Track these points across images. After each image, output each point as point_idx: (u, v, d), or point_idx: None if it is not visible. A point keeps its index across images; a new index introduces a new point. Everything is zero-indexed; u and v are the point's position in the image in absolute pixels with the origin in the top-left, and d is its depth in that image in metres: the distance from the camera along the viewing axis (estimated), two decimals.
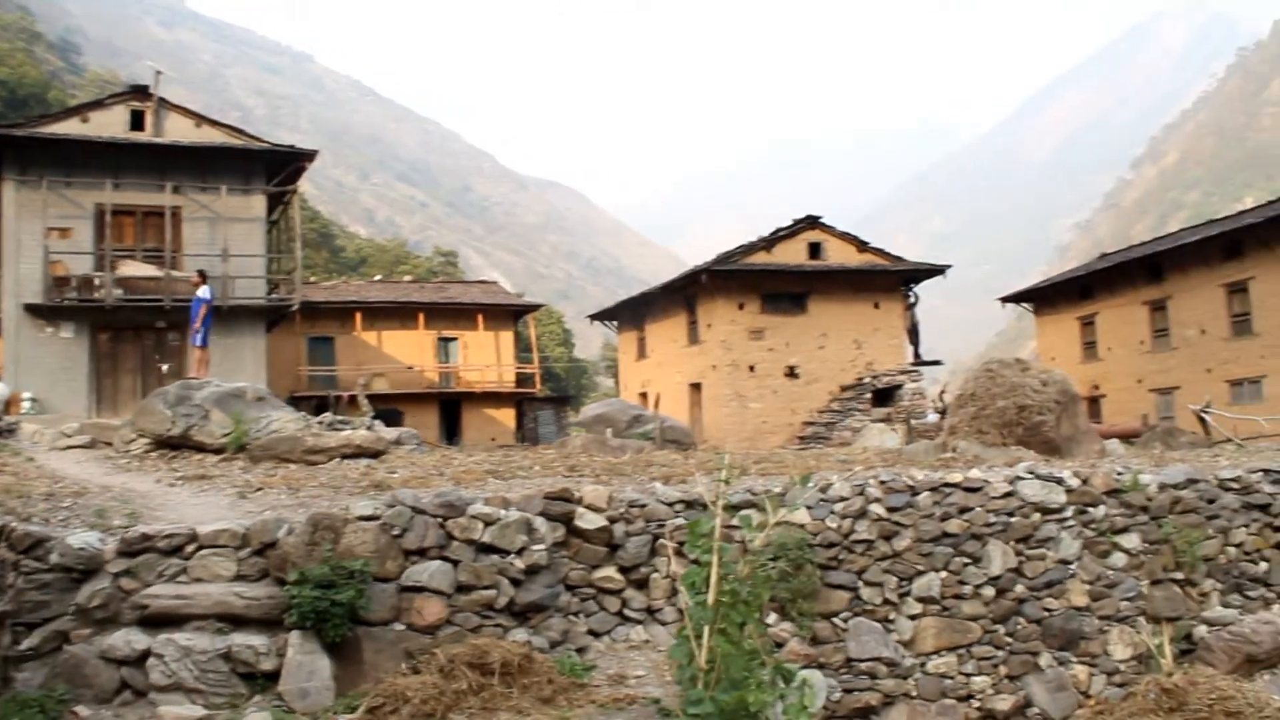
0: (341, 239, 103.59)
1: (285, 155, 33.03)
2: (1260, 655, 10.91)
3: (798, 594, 10.22)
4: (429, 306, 44.38)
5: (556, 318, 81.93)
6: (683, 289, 36.92)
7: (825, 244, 35.96)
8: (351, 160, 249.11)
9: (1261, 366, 33.39)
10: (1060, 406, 16.36)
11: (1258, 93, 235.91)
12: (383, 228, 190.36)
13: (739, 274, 34.71)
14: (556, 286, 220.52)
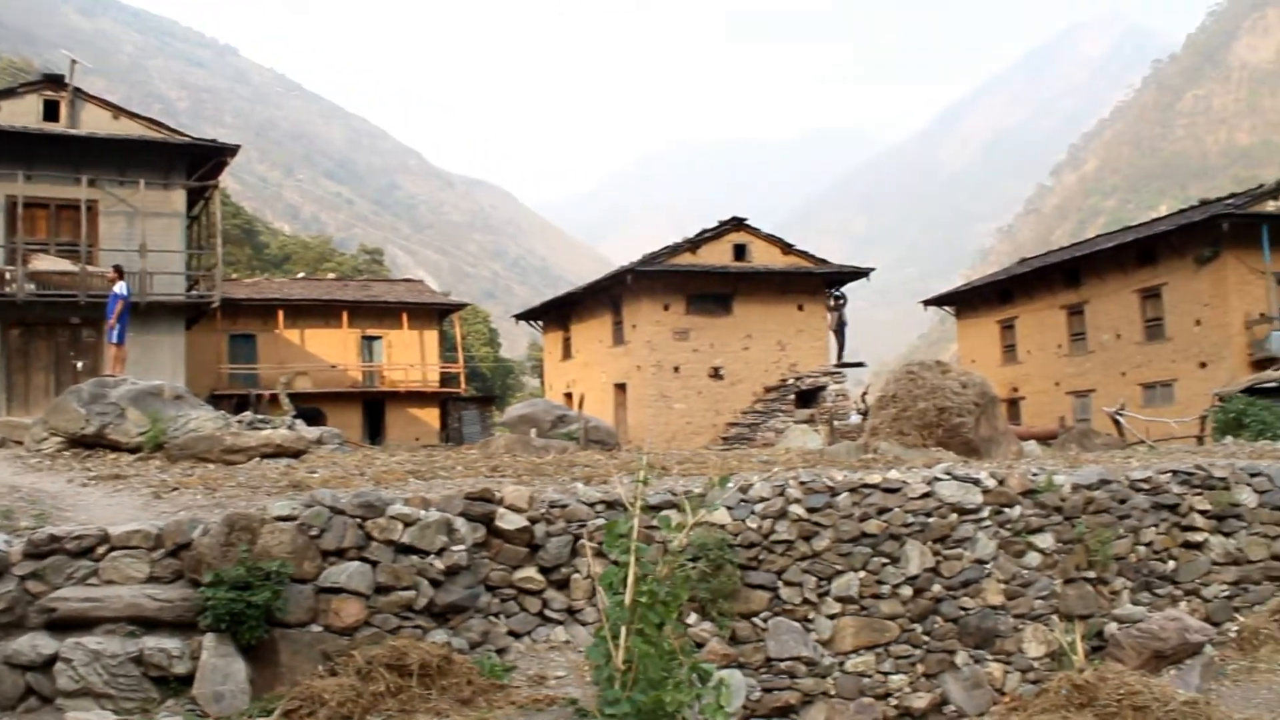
0: (265, 235, 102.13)
1: (207, 149, 32.55)
2: (1167, 651, 11.16)
3: (718, 594, 10.26)
4: (353, 305, 43.99)
5: (483, 317, 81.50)
6: (608, 289, 36.97)
7: (750, 246, 36.19)
8: (276, 156, 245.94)
9: (1173, 370, 34.20)
10: (979, 408, 16.60)
11: (1172, 104, 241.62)
12: (307, 224, 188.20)
13: (664, 275, 34.81)
14: (483, 286, 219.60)
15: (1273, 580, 12.68)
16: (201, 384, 35.11)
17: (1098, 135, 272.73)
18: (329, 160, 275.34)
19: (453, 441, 39.11)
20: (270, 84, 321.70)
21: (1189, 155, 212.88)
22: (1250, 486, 13.00)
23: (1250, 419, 22.75)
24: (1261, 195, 34.71)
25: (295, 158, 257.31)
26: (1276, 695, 10.49)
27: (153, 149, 31.74)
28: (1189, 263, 34.05)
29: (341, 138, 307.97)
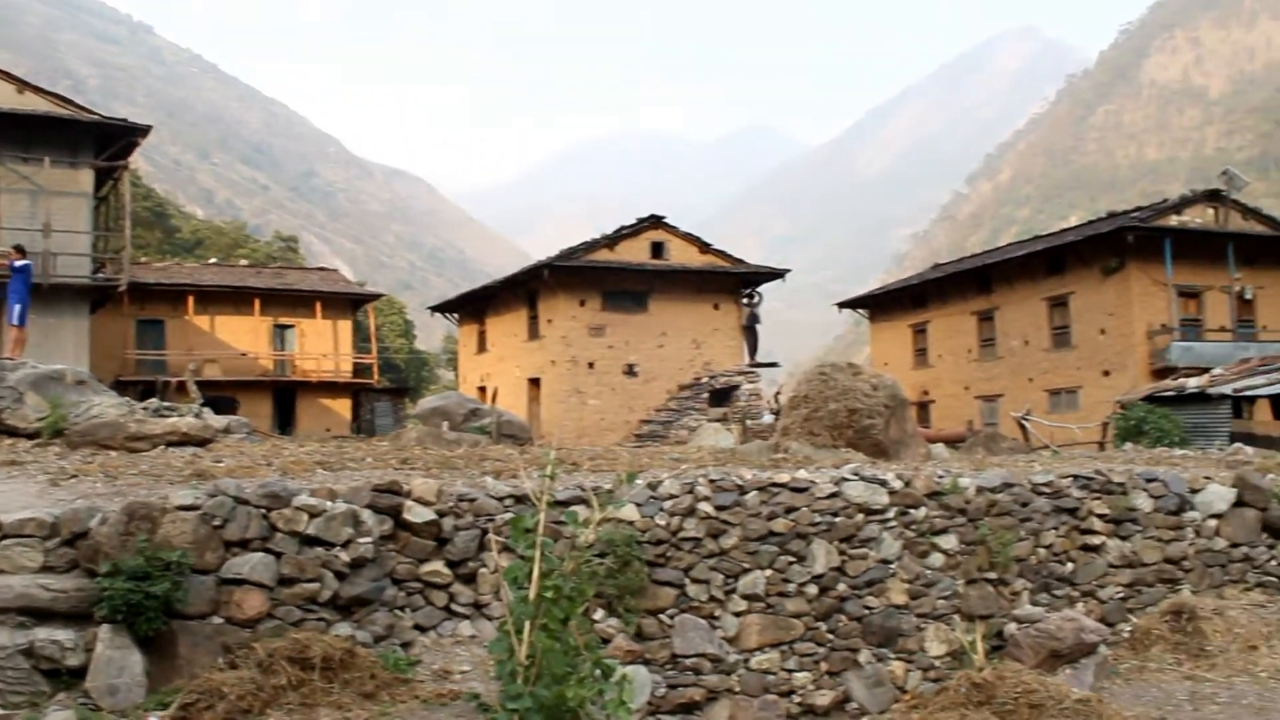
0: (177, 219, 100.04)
1: (117, 128, 31.82)
2: (1063, 651, 11.39)
3: (625, 590, 10.29)
4: (265, 292, 43.36)
5: (398, 308, 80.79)
6: (525, 283, 36.85)
7: (668, 244, 36.30)
8: (190, 138, 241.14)
9: (1078, 378, 34.95)
10: (889, 411, 16.82)
11: (1084, 118, 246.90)
12: (221, 209, 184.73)
13: (581, 271, 34.80)
14: (399, 277, 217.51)
15: (1165, 582, 13.01)
16: (106, 369, 34.36)
17: (1013, 146, 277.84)
18: (245, 145, 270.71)
19: (364, 433, 38.74)
20: (186, 64, 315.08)
21: (1100, 168, 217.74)
22: (1146, 492, 13.32)
23: (1149, 426, 23.36)
24: (1165, 210, 35.62)
25: (210, 141, 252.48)
26: (1165, 694, 10.75)
27: (59, 126, 30.92)
28: (1096, 273, 34.79)
29: (259, 122, 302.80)
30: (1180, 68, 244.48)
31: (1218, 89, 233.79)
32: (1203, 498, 13.57)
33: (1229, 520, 13.53)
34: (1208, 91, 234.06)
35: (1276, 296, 36.19)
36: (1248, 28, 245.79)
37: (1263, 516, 13.66)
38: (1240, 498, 13.68)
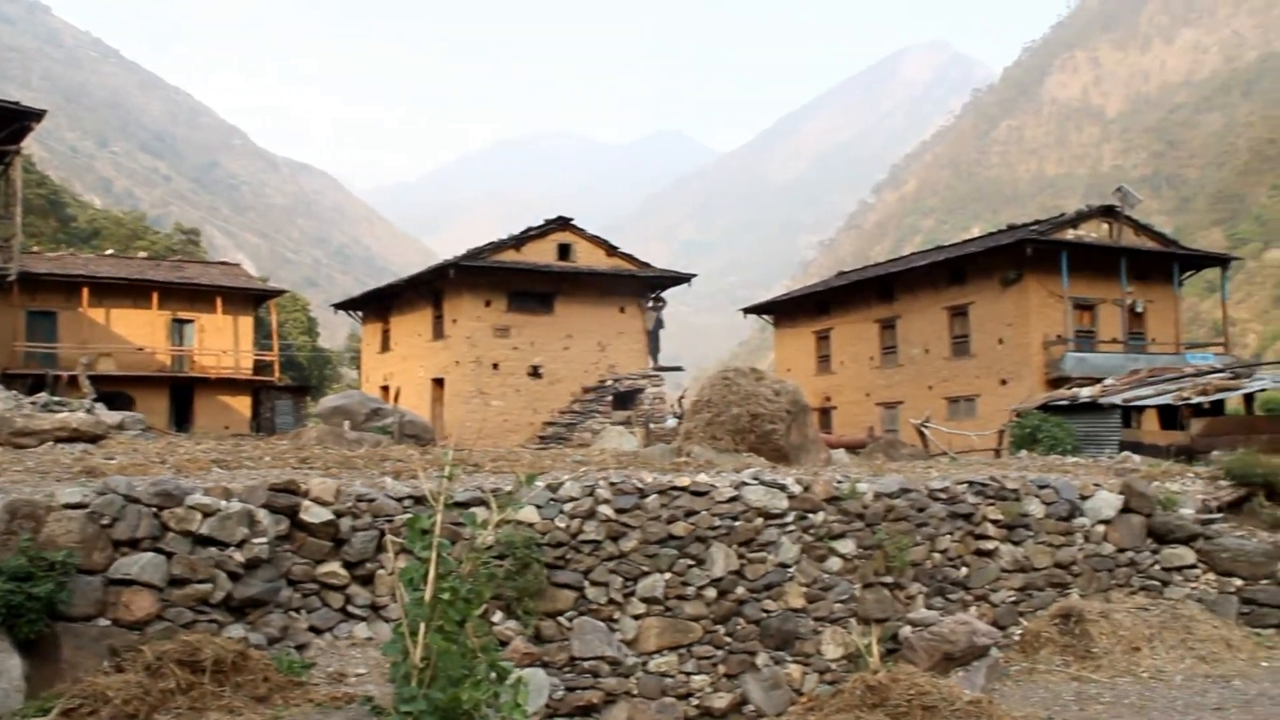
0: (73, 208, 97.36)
1: (9, 111, 30.90)
2: (956, 653, 11.61)
3: (524, 592, 10.26)
4: (164, 286, 42.39)
5: (302, 305, 79.55)
6: (430, 282, 36.53)
7: (575, 246, 36.25)
8: (89, 125, 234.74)
9: (976, 386, 35.58)
10: (791, 416, 16.99)
11: (988, 132, 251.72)
12: (120, 199, 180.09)
13: (487, 271, 34.59)
14: (304, 273, 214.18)
15: (1055, 586, 13.34)
16: None
17: (919, 157, 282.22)
18: (146, 133, 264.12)
19: (264, 431, 38.07)
20: (85, 48, 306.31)
21: (1002, 181, 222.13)
22: (1038, 498, 13.65)
23: (1043, 434, 23.87)
24: (1062, 224, 36.45)
25: (110, 128, 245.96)
26: (1053, 694, 11.02)
27: None
28: (995, 284, 35.45)
29: (160, 110, 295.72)
30: (1080, 87, 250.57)
31: (1115, 108, 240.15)
32: (1092, 504, 13.95)
33: (1116, 526, 13.92)
34: (1105, 111, 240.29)
35: (1165, 310, 37.27)
36: (1143, 51, 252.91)
37: (1148, 522, 14.08)
38: (1127, 504, 14.10)
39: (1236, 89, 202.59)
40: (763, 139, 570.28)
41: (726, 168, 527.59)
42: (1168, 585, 13.82)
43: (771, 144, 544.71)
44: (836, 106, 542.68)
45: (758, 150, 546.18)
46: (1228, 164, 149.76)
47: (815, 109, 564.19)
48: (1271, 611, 13.42)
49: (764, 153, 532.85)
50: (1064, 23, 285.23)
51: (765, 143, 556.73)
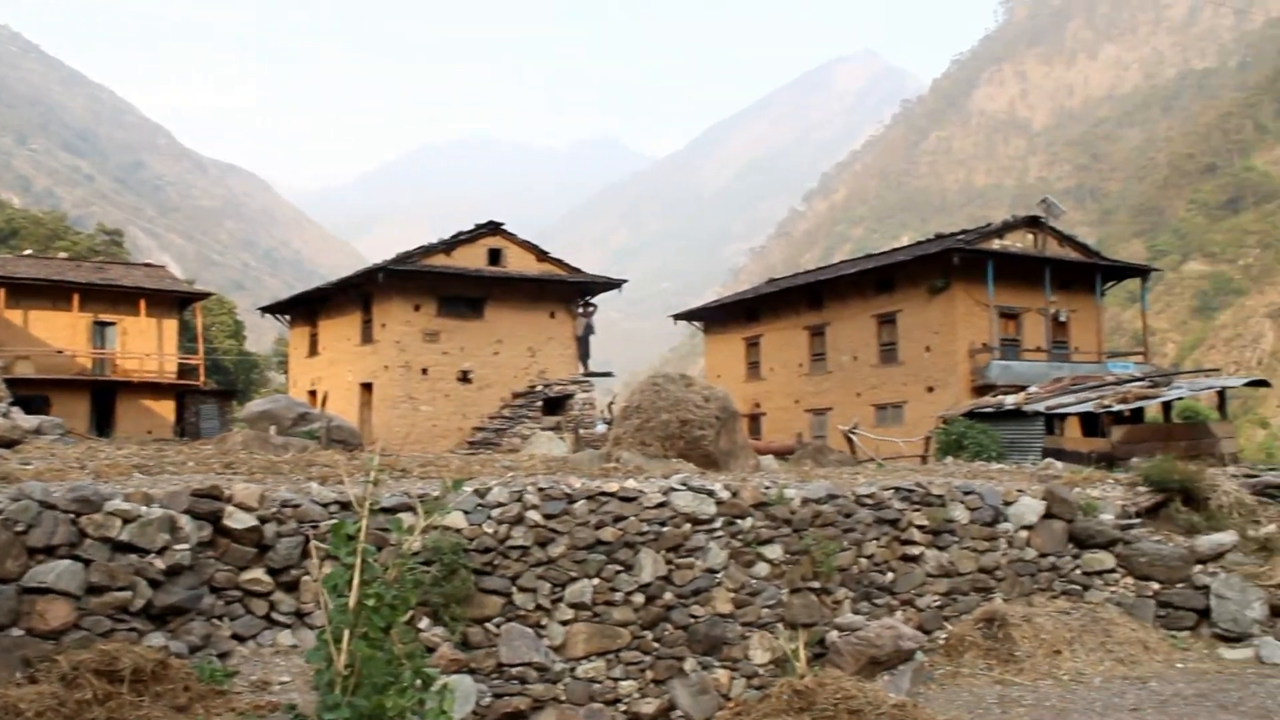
0: None
1: None
2: (882, 658, 11.72)
3: (451, 599, 10.20)
4: (85, 287, 41.58)
5: (228, 308, 78.32)
6: (359, 286, 36.17)
7: (506, 251, 36.11)
8: (7, 121, 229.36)
9: (903, 393, 35.97)
10: (720, 422, 17.05)
11: (918, 143, 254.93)
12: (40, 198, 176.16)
13: (417, 275, 34.33)
14: (231, 276, 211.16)
15: (979, 591, 13.50)
16: None
17: (849, 166, 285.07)
18: (68, 131, 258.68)
19: (189, 436, 37.50)
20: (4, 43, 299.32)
21: (930, 192, 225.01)
22: (963, 504, 13.81)
23: (969, 441, 24.20)
24: (989, 234, 36.99)
25: (30, 125, 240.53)
26: (976, 698, 11.15)
27: None
28: (923, 292, 35.87)
29: (83, 108, 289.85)
30: (1007, 99, 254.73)
31: (1040, 121, 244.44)
32: (1015, 510, 14.15)
33: (1039, 531, 14.12)
34: (1031, 123, 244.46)
35: (1088, 319, 37.98)
36: (1068, 65, 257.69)
37: (1069, 528, 14.30)
38: (1049, 510, 14.31)
39: (1156, 105, 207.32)
40: (695, 146, 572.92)
41: (659, 174, 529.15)
42: (1088, 589, 14.05)
43: (704, 151, 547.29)
44: (769, 114, 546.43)
45: (690, 157, 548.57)
46: (1148, 178, 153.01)
47: (747, 117, 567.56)
48: (1186, 614, 13.69)
49: (696, 160, 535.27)
50: (992, 36, 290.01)
51: (698, 149, 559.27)
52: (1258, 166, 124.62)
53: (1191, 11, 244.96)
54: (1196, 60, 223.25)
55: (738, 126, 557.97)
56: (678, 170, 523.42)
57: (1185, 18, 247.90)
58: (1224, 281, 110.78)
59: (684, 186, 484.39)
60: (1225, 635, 13.32)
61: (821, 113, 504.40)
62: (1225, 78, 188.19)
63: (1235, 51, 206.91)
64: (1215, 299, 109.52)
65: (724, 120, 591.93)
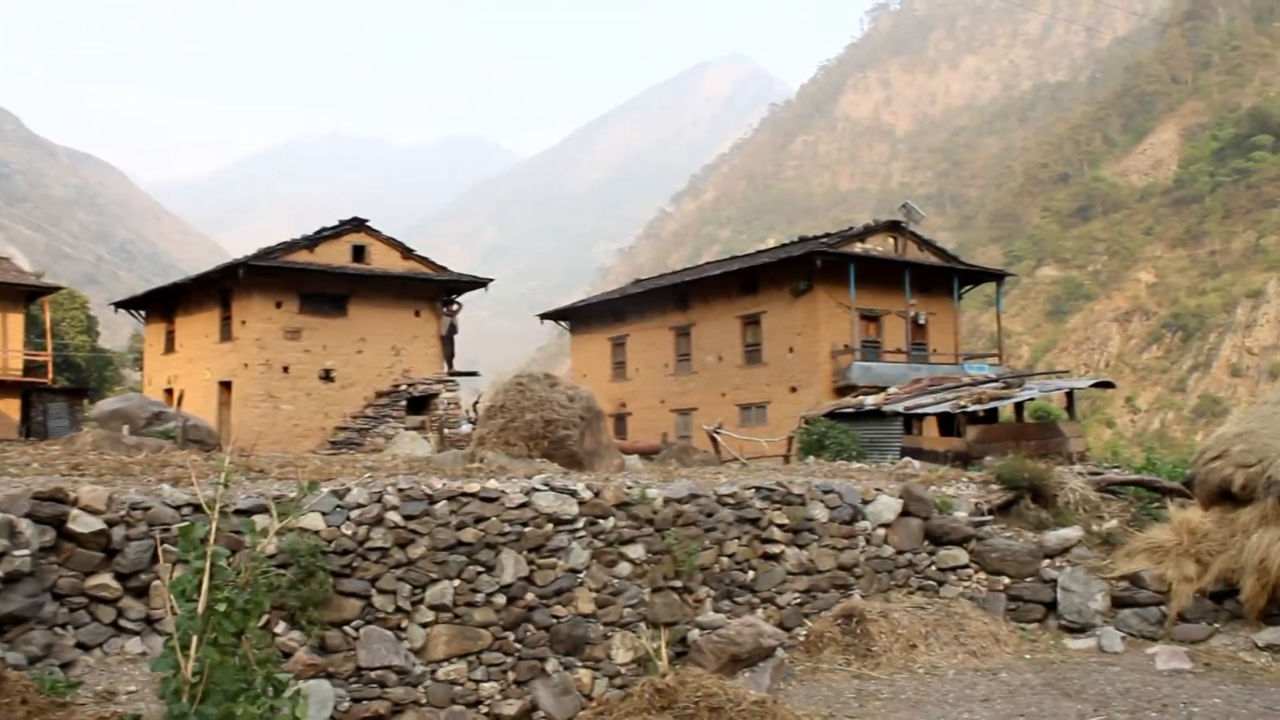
0: None
1: None
2: (743, 655, 11.85)
3: (308, 602, 10.00)
4: None
5: (80, 303, 75.59)
6: (218, 282, 35.23)
7: (370, 248, 35.55)
8: None
9: (767, 393, 36.44)
10: (585, 422, 17.07)
11: (784, 146, 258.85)
12: None
13: (278, 271, 33.58)
14: (84, 269, 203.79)
15: (838, 588, 13.75)
16: None
17: (717, 168, 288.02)
18: None
19: (35, 436, 36.06)
20: None
21: (796, 195, 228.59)
22: (823, 503, 14.06)
23: (830, 440, 24.62)
24: (851, 237, 37.68)
25: None
26: (835, 693, 11.35)
27: None
28: (786, 294, 36.37)
29: None
30: (871, 106, 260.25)
31: (903, 128, 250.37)
32: (873, 508, 14.46)
33: (896, 529, 14.46)
34: (895, 130, 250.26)
35: (946, 322, 38.98)
36: (930, 74, 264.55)
37: (925, 525, 14.67)
38: (906, 508, 14.67)
39: (1013, 115, 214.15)
40: (565, 145, 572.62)
41: (528, 173, 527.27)
42: (943, 584, 14.42)
43: (574, 150, 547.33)
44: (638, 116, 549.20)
45: (560, 156, 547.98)
46: (1005, 185, 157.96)
47: (617, 117, 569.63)
48: (1035, 607, 14.15)
49: (566, 159, 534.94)
50: (857, 44, 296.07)
51: (567, 149, 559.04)
52: (1106, 177, 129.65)
53: (1046, 27, 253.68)
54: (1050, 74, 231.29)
55: (608, 126, 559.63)
56: (548, 169, 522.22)
57: (1040, 33, 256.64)
58: (1075, 286, 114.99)
59: (554, 185, 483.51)
60: (1070, 626, 13.81)
61: (691, 115, 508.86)
62: (1077, 91, 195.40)
63: (1086, 67, 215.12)
64: (1066, 303, 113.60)
65: (594, 120, 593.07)
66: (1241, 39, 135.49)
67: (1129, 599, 13.79)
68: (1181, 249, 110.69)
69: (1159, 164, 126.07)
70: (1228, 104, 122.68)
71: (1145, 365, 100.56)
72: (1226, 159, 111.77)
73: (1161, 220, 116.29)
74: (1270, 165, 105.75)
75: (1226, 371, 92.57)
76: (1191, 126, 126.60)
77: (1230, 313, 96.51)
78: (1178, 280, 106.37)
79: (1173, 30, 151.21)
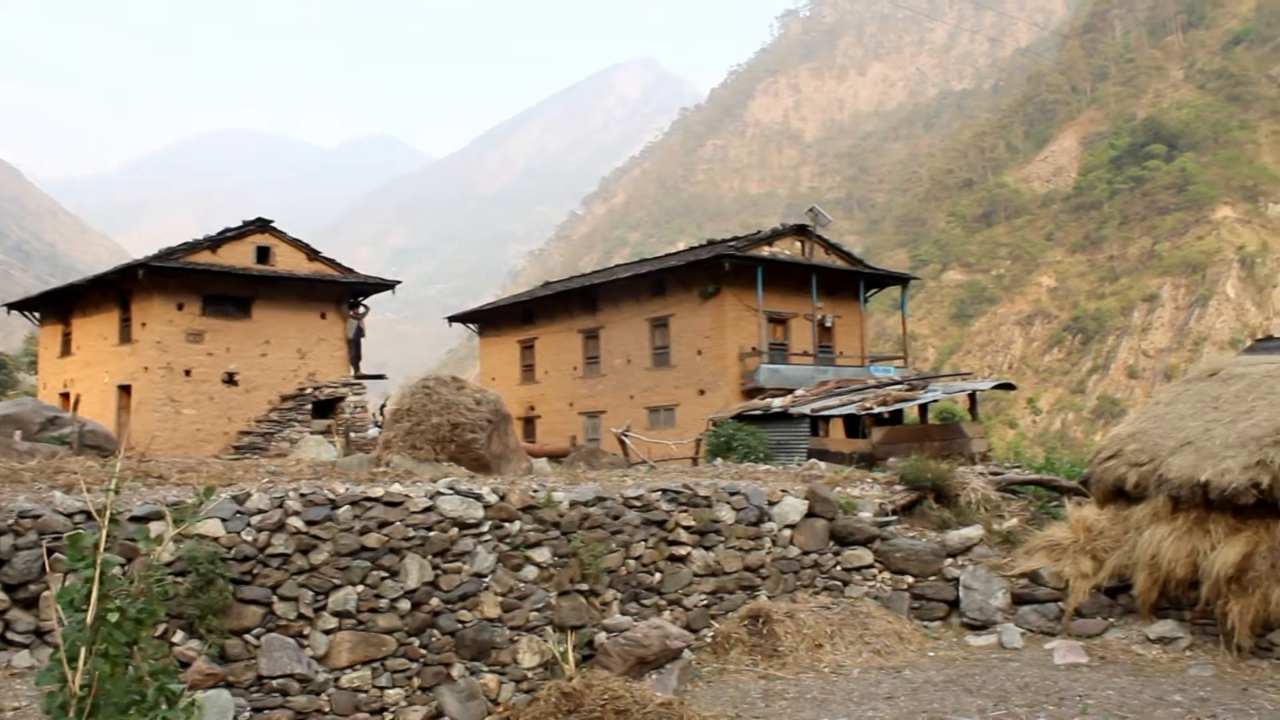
0: None
1: None
2: (650, 657, 11.89)
3: (207, 610, 9.81)
4: None
5: None
6: (117, 283, 34.39)
7: (275, 249, 34.95)
8: None
9: (675, 396, 36.53)
10: (492, 425, 16.97)
11: (695, 149, 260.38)
12: None
13: (180, 272, 32.85)
14: None
15: (744, 589, 13.85)
16: None
17: (628, 171, 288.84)
18: None
19: None
20: None
21: (707, 198, 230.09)
22: (729, 504, 14.15)
23: (738, 443, 24.71)
24: (759, 240, 37.90)
25: None
26: (741, 693, 11.42)
27: None
28: (695, 297, 36.48)
29: None
30: (781, 111, 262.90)
31: (812, 133, 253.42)
32: (779, 509, 14.58)
33: (801, 530, 14.60)
34: (804, 135, 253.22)
35: (852, 325, 39.43)
36: (839, 80, 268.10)
37: (830, 526, 14.83)
38: (812, 509, 14.82)
39: (919, 121, 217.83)
40: (476, 146, 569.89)
41: (439, 174, 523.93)
42: (848, 584, 14.60)
43: (484, 152, 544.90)
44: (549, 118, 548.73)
45: (470, 158, 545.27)
46: (911, 190, 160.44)
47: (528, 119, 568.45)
48: (938, 605, 14.38)
49: (477, 160, 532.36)
50: (768, 49, 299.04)
51: (478, 150, 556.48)
52: (1009, 183, 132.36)
53: (951, 36, 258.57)
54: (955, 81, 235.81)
55: (519, 128, 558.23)
56: (458, 170, 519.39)
57: (946, 41, 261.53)
58: (979, 290, 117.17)
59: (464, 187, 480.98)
60: (972, 624, 14.06)
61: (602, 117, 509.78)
62: (981, 99, 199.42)
63: (990, 75, 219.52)
64: (971, 306, 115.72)
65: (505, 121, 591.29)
66: (1136, 51, 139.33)
67: (1028, 596, 14.08)
68: (1081, 254, 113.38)
69: (1059, 171, 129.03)
70: (1124, 114, 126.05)
71: (1047, 367, 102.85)
72: (1123, 167, 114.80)
73: (1062, 226, 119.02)
74: (1164, 174, 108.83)
75: (1124, 373, 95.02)
76: (1090, 135, 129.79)
77: (1127, 316, 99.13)
78: (1078, 284, 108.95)
79: (1072, 42, 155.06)
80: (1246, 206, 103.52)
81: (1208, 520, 12.81)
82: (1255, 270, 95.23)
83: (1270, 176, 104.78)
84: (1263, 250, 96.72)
